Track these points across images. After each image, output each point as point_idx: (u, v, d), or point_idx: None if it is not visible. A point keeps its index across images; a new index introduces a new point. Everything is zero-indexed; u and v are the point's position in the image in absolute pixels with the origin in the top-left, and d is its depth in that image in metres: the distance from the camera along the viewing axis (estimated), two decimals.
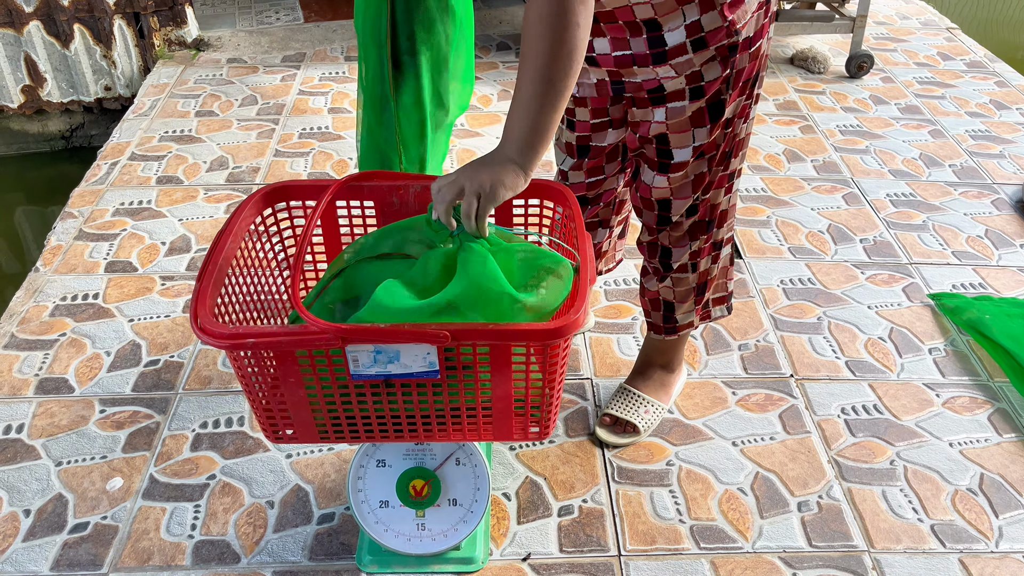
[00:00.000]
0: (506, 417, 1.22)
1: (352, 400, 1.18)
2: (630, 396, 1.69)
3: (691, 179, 1.41)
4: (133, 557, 1.45)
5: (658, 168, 1.41)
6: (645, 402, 1.68)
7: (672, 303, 1.58)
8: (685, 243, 1.49)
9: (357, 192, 1.35)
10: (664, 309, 1.59)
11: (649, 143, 1.40)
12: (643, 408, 1.67)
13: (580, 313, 1.10)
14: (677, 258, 1.51)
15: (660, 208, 1.46)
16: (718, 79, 1.31)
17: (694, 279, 1.54)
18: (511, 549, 1.46)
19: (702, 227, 1.48)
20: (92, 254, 2.17)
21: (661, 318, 1.61)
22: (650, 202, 1.47)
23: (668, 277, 1.54)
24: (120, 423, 1.70)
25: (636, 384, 1.71)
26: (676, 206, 1.45)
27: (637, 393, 1.69)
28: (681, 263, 1.51)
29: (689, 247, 1.49)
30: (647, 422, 1.66)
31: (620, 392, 1.70)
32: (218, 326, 1.09)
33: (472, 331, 1.08)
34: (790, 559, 1.44)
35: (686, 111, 1.33)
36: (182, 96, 2.95)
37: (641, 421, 1.65)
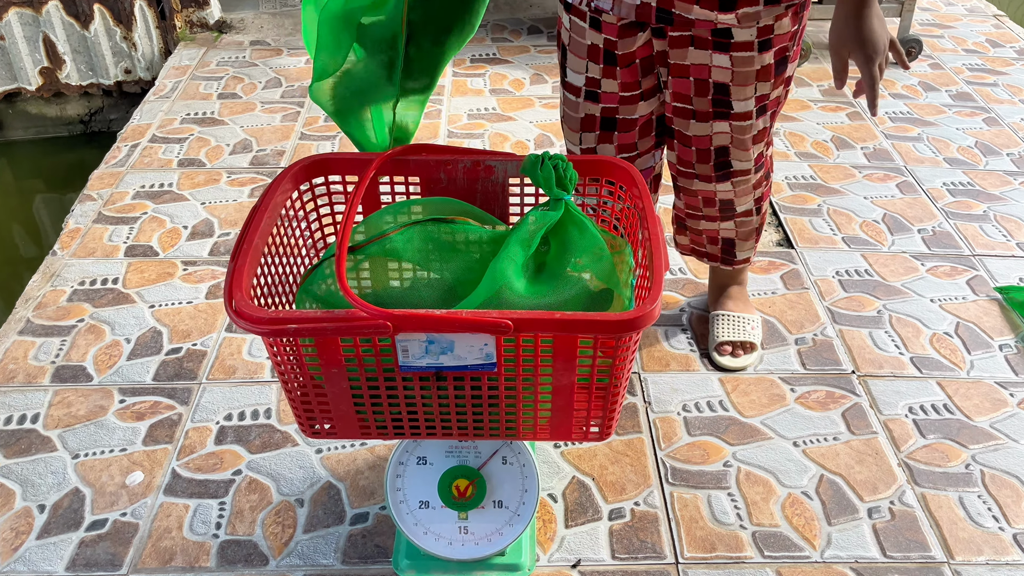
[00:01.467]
0: (565, 415, 1.12)
1: (399, 393, 1.08)
2: (730, 319, 1.71)
3: (754, 133, 1.43)
4: (154, 557, 1.35)
5: (714, 116, 1.40)
6: (746, 319, 1.70)
7: (733, 241, 1.63)
8: (749, 192, 1.53)
9: (402, 167, 1.25)
10: (724, 245, 1.64)
11: (704, 92, 1.37)
12: (749, 325, 1.71)
13: (656, 304, 0.99)
14: (742, 205, 1.55)
15: (718, 156, 1.45)
16: (787, 34, 1.33)
17: (757, 220, 1.59)
18: (559, 555, 1.36)
19: (765, 177, 1.54)
20: (112, 238, 2.08)
21: (720, 251, 1.65)
22: (706, 152, 1.45)
23: (732, 220, 1.58)
24: (140, 414, 1.60)
25: (726, 307, 1.73)
26: (738, 155, 1.45)
27: (734, 314, 1.71)
28: (746, 208, 1.56)
29: (753, 194, 1.54)
30: (759, 336, 1.71)
31: (718, 320, 1.72)
32: (256, 310, 0.98)
33: (537, 320, 0.97)
34: (863, 570, 1.33)
35: (754, 62, 1.33)
36: (204, 78, 2.85)
37: (756, 337, 1.70)
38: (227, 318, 1.80)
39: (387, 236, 1.14)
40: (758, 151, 1.47)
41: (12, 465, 1.50)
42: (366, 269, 1.15)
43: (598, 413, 1.12)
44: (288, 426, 1.58)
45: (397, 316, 0.96)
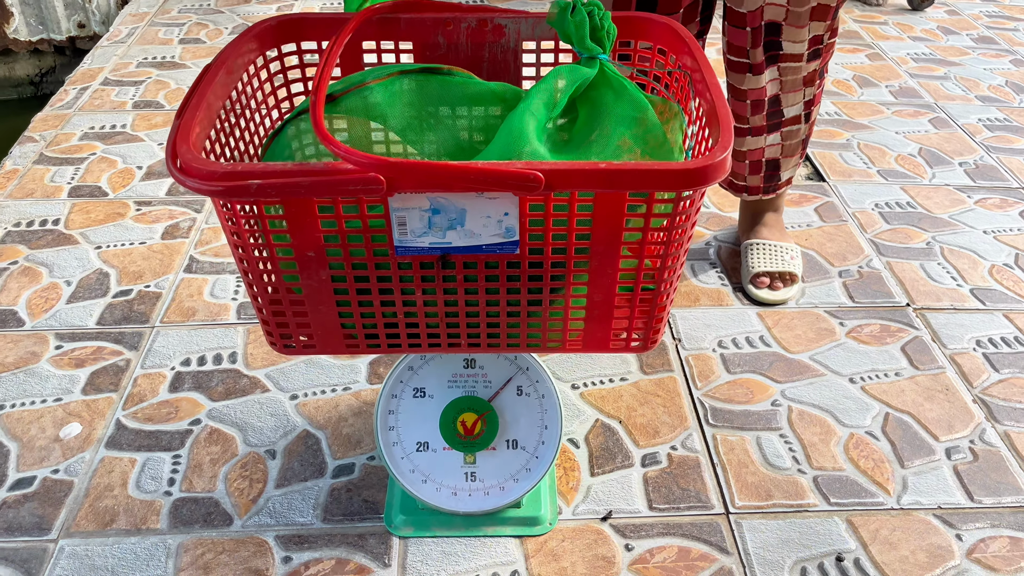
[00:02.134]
0: (604, 316, 0.89)
1: (394, 287, 0.85)
2: (767, 248, 1.51)
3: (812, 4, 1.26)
4: (91, 519, 1.10)
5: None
6: (784, 248, 1.51)
7: (778, 161, 1.44)
8: (799, 88, 1.34)
9: (391, 28, 1.02)
10: (767, 168, 1.44)
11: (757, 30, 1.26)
12: (787, 254, 1.52)
13: (727, 152, 0.77)
14: (790, 106, 1.36)
15: (768, 33, 1.28)
16: None
17: (805, 130, 1.40)
18: (586, 506, 1.13)
19: (819, 74, 1.35)
20: (54, 178, 1.83)
21: (763, 179, 1.46)
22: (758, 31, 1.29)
23: (778, 131, 1.39)
24: (80, 360, 1.35)
25: (760, 235, 1.53)
26: (790, 34, 1.28)
27: (771, 243, 1.52)
28: (794, 113, 1.37)
29: (804, 93, 1.35)
30: (799, 267, 1.52)
31: (753, 249, 1.51)
32: (208, 163, 0.74)
33: (577, 172, 0.74)
34: (948, 517, 1.11)
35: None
36: (164, 25, 2.61)
37: (797, 267, 1.51)
38: (186, 258, 1.56)
39: (367, 85, 0.90)
40: (815, 32, 1.27)
41: None
42: (343, 129, 0.91)
43: (643, 314, 0.90)
44: (258, 370, 1.34)
45: (392, 166, 0.72)
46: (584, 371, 1.34)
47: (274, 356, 1.36)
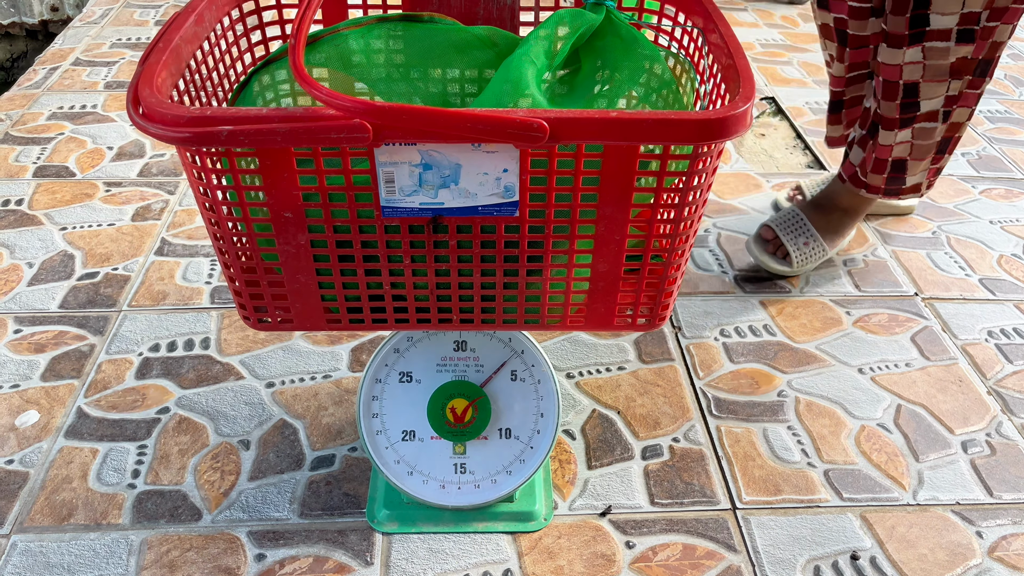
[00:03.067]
0: (609, 289, 0.81)
1: (381, 255, 0.77)
2: (798, 221, 1.41)
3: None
4: (48, 513, 1.01)
5: None
6: (810, 235, 1.40)
7: (905, 162, 1.29)
8: (944, 77, 1.19)
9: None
10: (891, 170, 1.31)
11: None
12: (804, 239, 1.41)
13: (749, 104, 0.70)
14: (927, 99, 1.22)
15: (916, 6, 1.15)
16: None
17: (941, 130, 1.25)
18: (583, 501, 1.05)
19: (971, 65, 1.18)
20: (19, 158, 1.73)
21: (884, 180, 1.33)
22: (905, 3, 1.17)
23: (910, 127, 1.25)
24: (40, 345, 1.26)
25: (808, 213, 1.42)
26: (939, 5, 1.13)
27: (806, 221, 1.41)
28: (930, 108, 1.22)
29: (947, 86, 1.20)
30: (802, 257, 1.41)
31: (788, 213, 1.44)
32: (174, 107, 0.66)
33: (584, 121, 0.67)
34: (967, 513, 1.05)
35: None
36: (140, 6, 2.52)
37: (797, 253, 1.40)
38: (157, 240, 1.48)
39: (339, 33, 0.83)
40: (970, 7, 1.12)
41: None
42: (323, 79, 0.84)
43: (651, 288, 0.82)
44: (232, 356, 1.25)
45: (380, 110, 0.64)
46: (580, 359, 1.26)
47: (249, 342, 1.28)
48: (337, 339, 1.29)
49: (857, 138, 1.34)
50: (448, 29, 0.84)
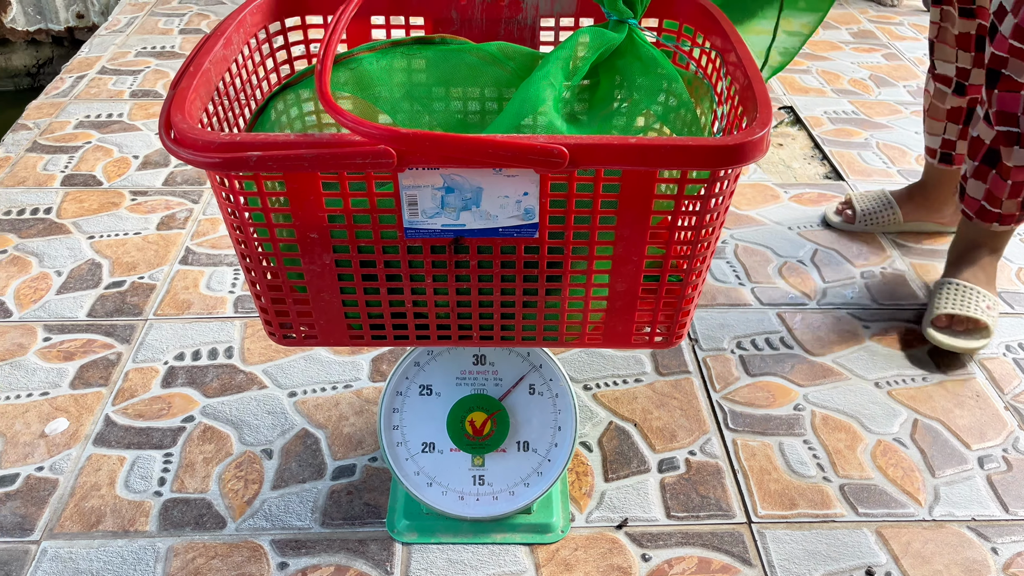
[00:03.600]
0: (627, 308, 0.83)
1: (403, 272, 0.78)
2: (961, 290, 1.35)
3: None
4: (77, 520, 1.04)
5: None
6: (981, 295, 1.34)
7: None
8: None
9: (401, 3, 0.96)
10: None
11: None
12: (984, 301, 1.33)
13: (767, 130, 0.71)
14: None
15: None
16: None
17: None
18: (599, 513, 1.07)
19: None
20: (47, 167, 1.77)
21: (1020, 205, 1.28)
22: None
23: None
24: (69, 353, 1.29)
25: (963, 275, 1.36)
26: None
27: (968, 285, 1.35)
28: None
29: None
30: (992, 317, 1.32)
31: (944, 288, 1.36)
32: (205, 133, 0.69)
33: (604, 147, 0.68)
34: (983, 529, 1.05)
35: None
36: (164, 15, 2.55)
37: (986, 316, 1.31)
38: (182, 249, 1.51)
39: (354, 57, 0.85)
40: None
41: None
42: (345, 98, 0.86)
43: (669, 307, 0.84)
44: (255, 366, 1.28)
45: (404, 137, 0.66)
46: (596, 371, 1.28)
47: (272, 351, 1.30)
48: (358, 349, 1.31)
49: (970, 171, 1.29)
50: (462, 49, 0.86)
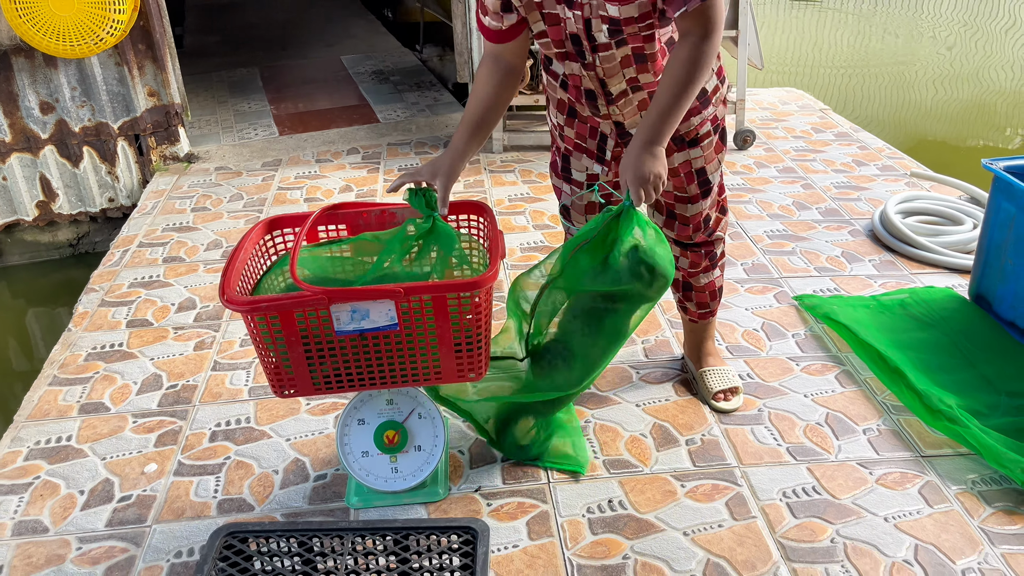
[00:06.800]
0: (448, 359, 1.68)
1: (337, 354, 1.65)
2: (714, 372, 2.17)
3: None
4: (170, 513, 1.85)
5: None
6: (723, 370, 2.17)
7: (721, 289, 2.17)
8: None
9: (333, 219, 1.85)
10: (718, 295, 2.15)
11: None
12: (728, 374, 2.16)
13: (493, 271, 1.60)
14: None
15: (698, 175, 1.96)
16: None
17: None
18: (466, 485, 1.90)
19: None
20: (114, 316, 2.63)
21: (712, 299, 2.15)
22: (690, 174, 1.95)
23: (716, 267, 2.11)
24: (151, 428, 2.12)
25: (707, 363, 2.19)
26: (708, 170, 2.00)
27: (714, 369, 2.17)
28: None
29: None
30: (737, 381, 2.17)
31: (704, 375, 2.17)
32: (242, 298, 1.57)
33: (418, 288, 1.57)
34: None
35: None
36: (178, 197, 3.48)
37: (739, 382, 2.16)
38: (211, 364, 2.36)
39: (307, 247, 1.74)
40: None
41: (55, 468, 2.00)
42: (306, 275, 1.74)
43: (470, 359, 1.69)
44: (265, 426, 2.11)
45: (330, 292, 1.55)
46: None
47: (273, 417, 2.14)
48: (326, 411, 2.15)
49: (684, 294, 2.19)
50: (361, 237, 1.74)
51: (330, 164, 3.75)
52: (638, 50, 1.70)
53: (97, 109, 3.61)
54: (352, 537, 1.49)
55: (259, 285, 1.75)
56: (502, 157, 3.76)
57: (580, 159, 1.96)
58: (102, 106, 3.61)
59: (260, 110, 4.50)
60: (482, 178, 3.55)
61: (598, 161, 1.94)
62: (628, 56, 1.71)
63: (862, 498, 1.84)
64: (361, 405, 1.83)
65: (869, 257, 2.82)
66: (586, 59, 1.73)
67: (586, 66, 1.74)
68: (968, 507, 1.81)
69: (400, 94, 4.69)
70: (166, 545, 1.78)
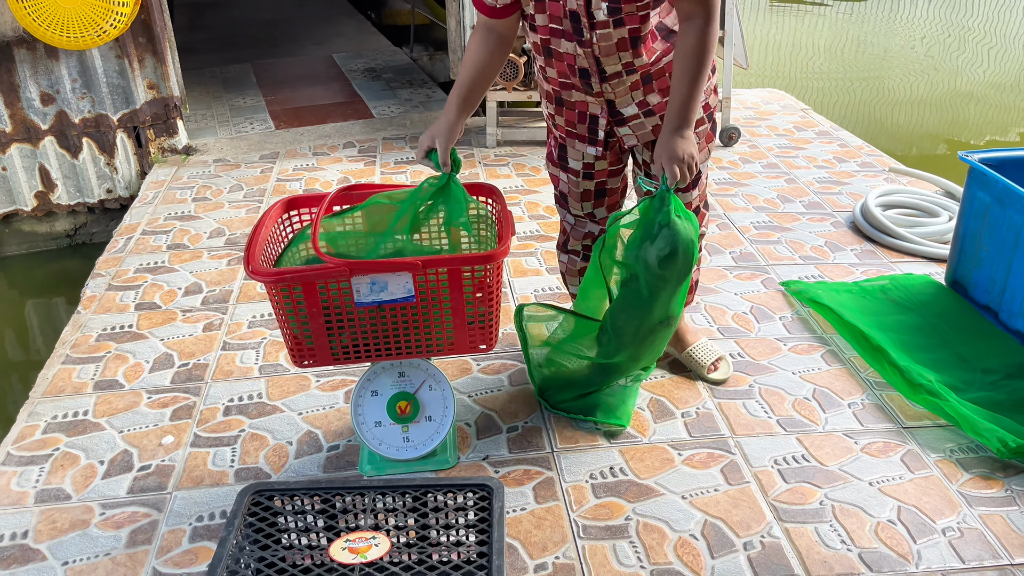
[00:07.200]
0: (462, 332, 1.78)
1: (356, 324, 1.73)
2: (697, 349, 2.27)
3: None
4: (189, 481, 1.93)
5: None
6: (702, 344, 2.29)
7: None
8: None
9: (349, 199, 1.93)
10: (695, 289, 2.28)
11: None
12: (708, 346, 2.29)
13: (505, 245, 1.70)
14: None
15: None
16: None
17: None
18: (474, 455, 1.99)
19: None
20: (122, 299, 2.69)
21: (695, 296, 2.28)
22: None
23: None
24: (165, 403, 2.20)
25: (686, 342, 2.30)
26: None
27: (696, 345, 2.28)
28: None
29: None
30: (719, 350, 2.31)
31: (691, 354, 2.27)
32: (266, 269, 1.65)
33: (435, 260, 1.67)
34: (951, 574, 1.68)
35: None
36: (179, 188, 3.54)
37: (721, 351, 2.30)
38: (220, 344, 2.43)
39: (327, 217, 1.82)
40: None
41: (73, 440, 2.07)
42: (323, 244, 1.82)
43: (482, 331, 1.79)
44: (277, 401, 2.19)
45: (352, 263, 1.64)
46: (476, 387, 2.21)
47: (285, 392, 2.22)
48: (336, 386, 2.23)
49: None
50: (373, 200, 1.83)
51: (327, 157, 3.83)
52: (634, 32, 1.79)
53: (97, 101, 3.66)
54: (373, 495, 1.58)
55: (280, 259, 1.83)
56: (496, 151, 3.86)
57: (575, 145, 2.04)
58: (102, 98, 3.66)
59: (255, 105, 4.57)
60: (477, 171, 3.64)
61: (590, 143, 2.01)
62: (624, 39, 1.80)
63: (848, 465, 1.96)
64: (374, 377, 1.92)
65: (851, 247, 2.95)
66: (583, 36, 1.80)
67: (582, 43, 1.81)
68: (947, 473, 1.93)
69: (393, 91, 4.78)
70: (187, 510, 1.85)
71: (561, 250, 2.27)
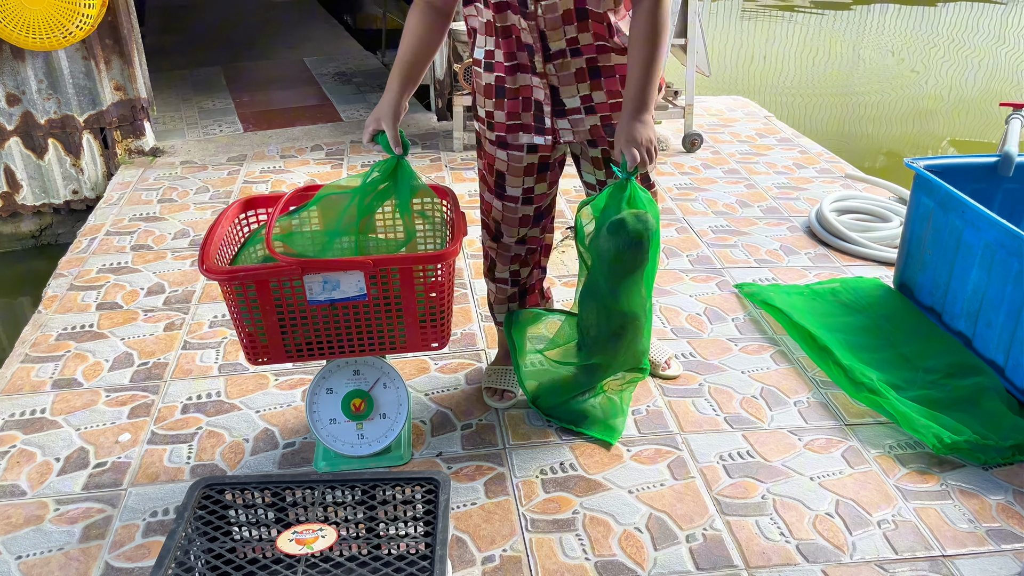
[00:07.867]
0: (413, 329, 1.82)
1: (308, 322, 1.77)
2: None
3: None
4: (145, 477, 1.95)
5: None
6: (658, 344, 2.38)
7: None
8: None
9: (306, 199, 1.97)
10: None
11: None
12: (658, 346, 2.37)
13: (457, 244, 1.74)
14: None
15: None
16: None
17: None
18: (427, 451, 2.03)
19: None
20: (84, 299, 2.71)
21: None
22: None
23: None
24: (123, 401, 2.21)
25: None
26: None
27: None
28: None
29: None
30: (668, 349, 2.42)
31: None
32: (219, 268, 1.68)
33: (386, 260, 1.70)
34: (885, 565, 1.72)
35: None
36: (145, 189, 3.55)
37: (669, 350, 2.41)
38: (181, 343, 2.45)
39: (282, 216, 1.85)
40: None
41: (30, 438, 2.08)
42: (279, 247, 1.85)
43: (435, 331, 1.83)
44: (235, 399, 2.22)
45: (304, 262, 1.68)
46: (431, 386, 2.25)
47: (244, 391, 2.24)
48: (294, 385, 2.26)
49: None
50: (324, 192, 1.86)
51: (294, 160, 3.86)
52: (580, 3, 1.78)
53: (63, 102, 3.67)
54: (323, 488, 1.61)
55: (236, 258, 1.86)
56: (462, 155, 3.90)
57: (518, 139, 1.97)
58: (68, 99, 3.67)
59: (224, 107, 4.58)
60: (443, 174, 3.68)
61: (537, 132, 1.95)
62: (570, 11, 1.78)
63: (791, 461, 2.01)
64: (329, 375, 1.95)
65: (805, 250, 3.02)
66: (528, 8, 1.77)
67: (526, 15, 1.78)
68: (885, 468, 2.00)
69: (363, 95, 4.81)
70: (142, 506, 1.87)
71: (489, 278, 2.22)
